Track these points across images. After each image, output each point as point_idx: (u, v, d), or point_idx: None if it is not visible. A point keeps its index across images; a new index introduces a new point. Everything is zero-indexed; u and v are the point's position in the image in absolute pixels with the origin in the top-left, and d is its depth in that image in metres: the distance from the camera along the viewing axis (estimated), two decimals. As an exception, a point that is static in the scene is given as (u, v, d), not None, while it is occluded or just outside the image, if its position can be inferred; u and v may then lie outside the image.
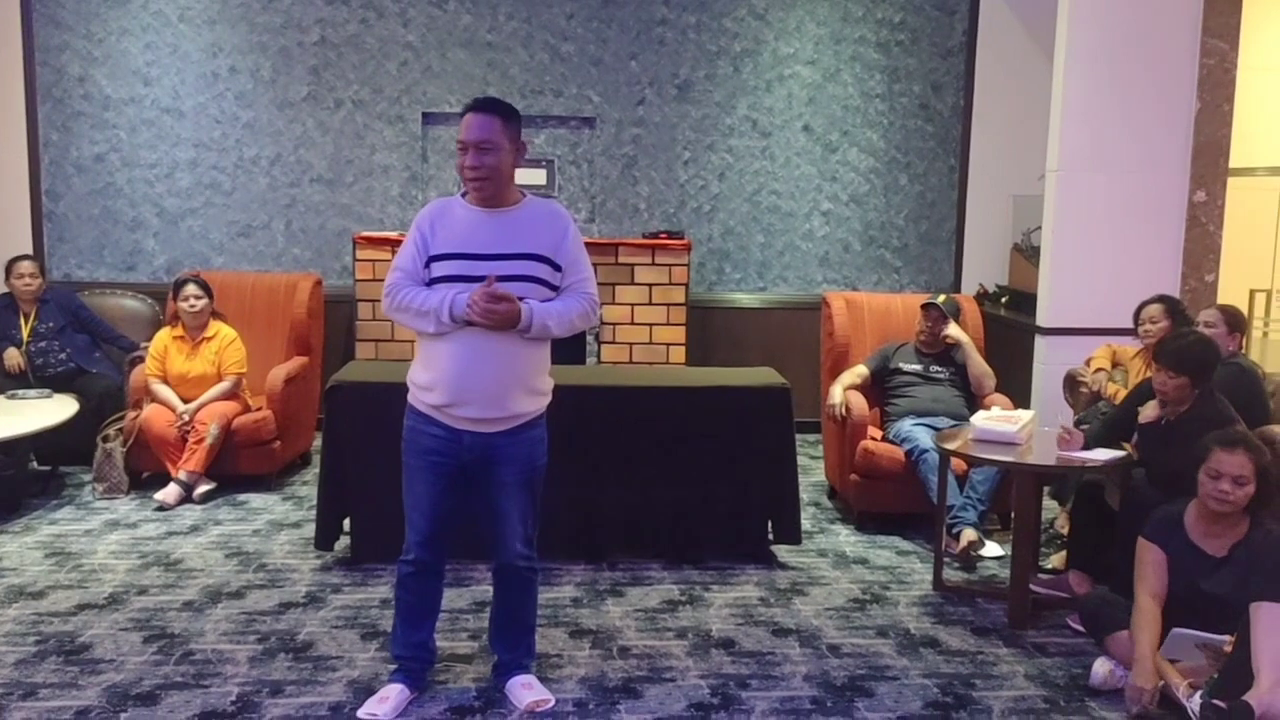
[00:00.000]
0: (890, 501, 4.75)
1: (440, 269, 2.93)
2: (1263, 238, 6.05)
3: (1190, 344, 3.69)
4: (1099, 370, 4.76)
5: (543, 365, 3.05)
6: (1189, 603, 3.18)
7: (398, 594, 3.14)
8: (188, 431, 5.05)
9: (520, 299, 2.87)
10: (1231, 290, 5.54)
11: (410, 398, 3.04)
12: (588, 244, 6.40)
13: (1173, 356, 3.65)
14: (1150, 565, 3.27)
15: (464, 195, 3.02)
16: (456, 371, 2.90)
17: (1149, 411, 3.84)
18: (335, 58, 6.39)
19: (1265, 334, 6.12)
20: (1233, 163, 5.31)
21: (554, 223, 3.02)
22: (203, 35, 6.34)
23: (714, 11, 6.49)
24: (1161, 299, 4.53)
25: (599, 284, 6.10)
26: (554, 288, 3.00)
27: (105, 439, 5.09)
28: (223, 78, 6.37)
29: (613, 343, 6.24)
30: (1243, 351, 4.35)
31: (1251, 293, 6.03)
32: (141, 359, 5.36)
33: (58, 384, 5.36)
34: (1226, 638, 3.05)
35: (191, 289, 5.23)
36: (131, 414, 5.19)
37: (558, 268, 3.00)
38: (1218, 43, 5.18)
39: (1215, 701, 2.83)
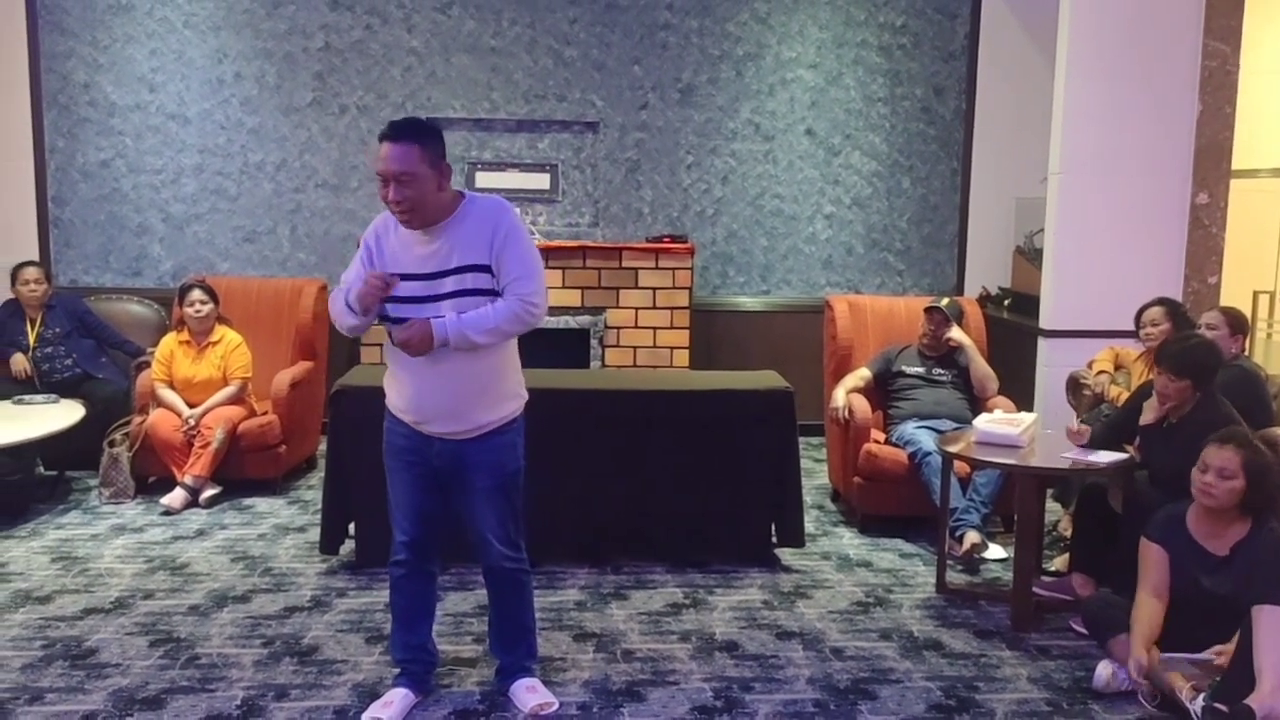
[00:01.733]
0: (893, 504, 4.75)
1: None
2: (1266, 239, 6.05)
3: (1192, 347, 3.70)
4: (1101, 373, 4.77)
5: (504, 372, 2.99)
6: (1193, 601, 3.19)
7: (391, 598, 3.15)
8: (193, 436, 5.07)
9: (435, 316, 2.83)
10: (1234, 292, 5.54)
11: (387, 400, 3.06)
12: (592, 248, 6.44)
13: (1174, 360, 3.65)
14: (1153, 564, 3.28)
15: None
16: (416, 393, 2.93)
17: (1150, 414, 3.85)
18: (340, 63, 6.41)
19: (1269, 335, 6.12)
20: (1235, 165, 5.32)
21: (484, 224, 2.87)
22: (208, 41, 6.37)
23: (716, 16, 6.51)
24: (1162, 301, 4.53)
25: (604, 289, 6.20)
26: (498, 293, 2.89)
27: (111, 444, 5.11)
28: (228, 84, 6.40)
29: (616, 346, 6.25)
30: (1245, 354, 4.35)
31: (1255, 294, 6.03)
32: (147, 364, 5.39)
33: (64, 389, 5.38)
34: (1212, 655, 3.07)
35: (197, 294, 5.25)
36: (138, 419, 5.22)
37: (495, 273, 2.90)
38: (1219, 45, 5.19)
39: (1217, 705, 2.84)
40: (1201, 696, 2.95)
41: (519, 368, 3.08)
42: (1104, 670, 3.28)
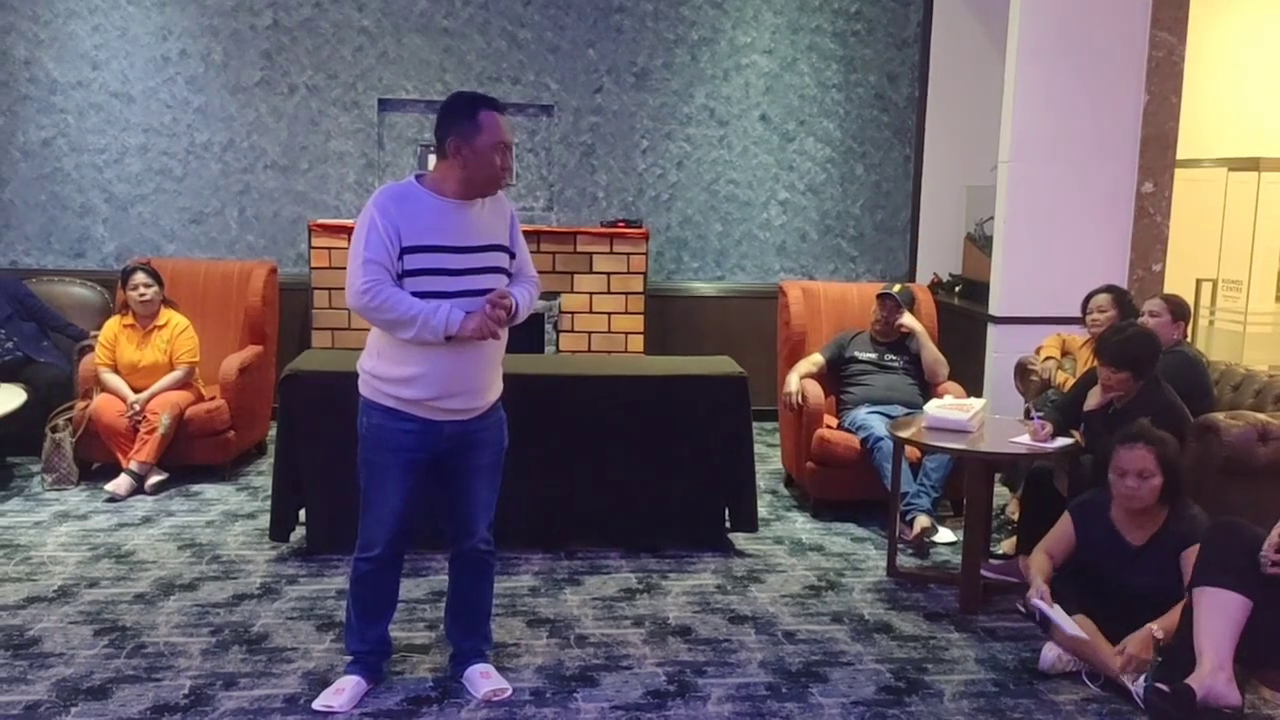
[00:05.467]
0: (846, 489, 4.80)
1: (414, 262, 2.83)
2: (1209, 228, 6.15)
3: (1128, 339, 3.76)
4: (1049, 359, 4.84)
5: (503, 349, 3.10)
6: (1114, 597, 3.25)
7: (356, 591, 3.08)
8: (139, 421, 4.98)
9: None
10: (1178, 280, 5.65)
11: (371, 394, 2.96)
12: (547, 233, 6.44)
13: (1113, 352, 3.72)
14: (1060, 537, 3.41)
15: (418, 179, 2.93)
16: (444, 366, 2.88)
17: (1094, 400, 3.91)
18: (289, 42, 6.31)
19: (1211, 322, 6.24)
20: (1180, 154, 5.41)
21: (503, 210, 3.04)
22: (152, 18, 6.23)
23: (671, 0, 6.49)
24: (1109, 289, 4.61)
25: (559, 273, 6.19)
26: (510, 275, 3.02)
27: (54, 429, 5.01)
28: (173, 61, 6.27)
29: (571, 331, 6.23)
30: (1187, 340, 4.44)
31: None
32: (91, 348, 5.28)
33: (5, 373, 5.25)
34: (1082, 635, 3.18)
35: (141, 277, 5.15)
36: (81, 404, 5.11)
37: (513, 255, 3.04)
38: (1166, 35, 5.27)
39: (1159, 685, 2.90)
40: (1142, 677, 3.02)
41: None
42: (1050, 651, 3.34)
